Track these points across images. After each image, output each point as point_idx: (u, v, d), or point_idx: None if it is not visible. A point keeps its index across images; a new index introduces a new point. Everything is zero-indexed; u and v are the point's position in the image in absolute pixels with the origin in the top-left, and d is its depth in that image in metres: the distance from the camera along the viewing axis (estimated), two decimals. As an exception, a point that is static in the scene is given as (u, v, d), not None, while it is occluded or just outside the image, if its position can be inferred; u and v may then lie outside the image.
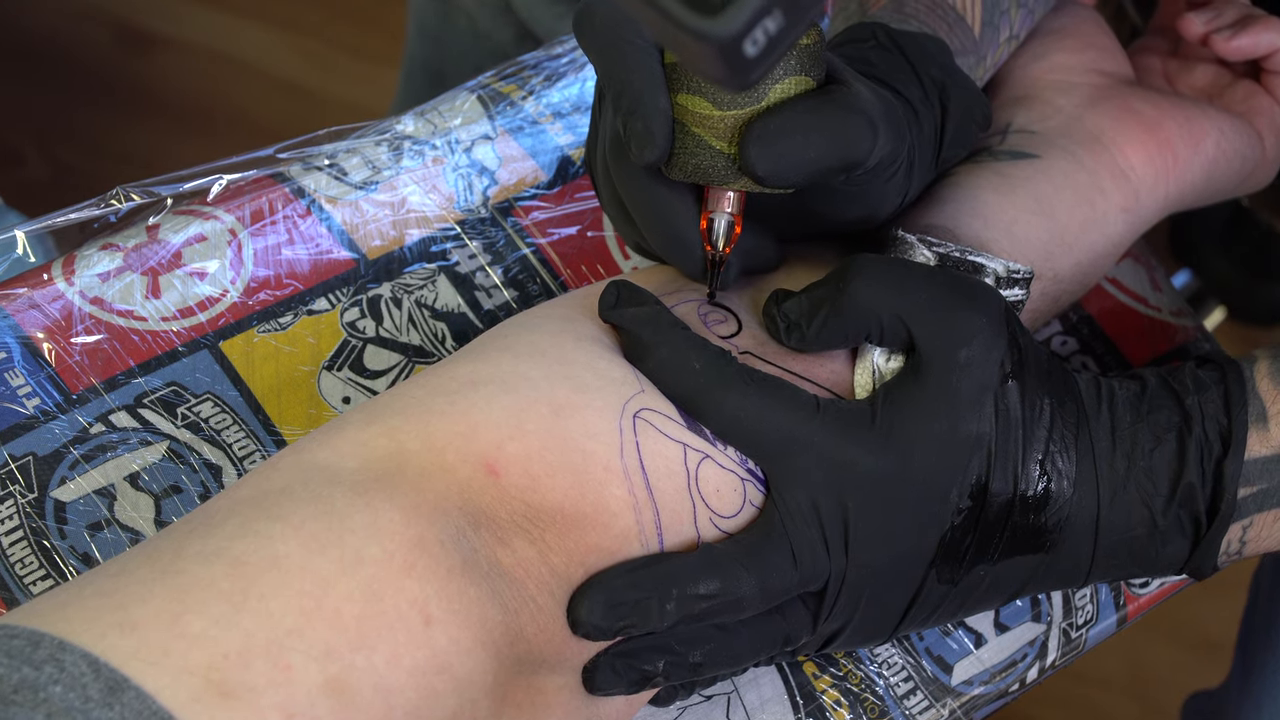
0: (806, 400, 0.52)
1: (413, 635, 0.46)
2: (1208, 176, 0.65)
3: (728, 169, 0.53)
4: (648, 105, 0.51)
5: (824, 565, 0.52)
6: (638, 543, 0.51)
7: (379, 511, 0.47)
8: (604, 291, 0.54)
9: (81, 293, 0.63)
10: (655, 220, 0.54)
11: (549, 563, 0.50)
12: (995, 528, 0.54)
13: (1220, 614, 1.32)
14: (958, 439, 0.53)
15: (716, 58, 0.41)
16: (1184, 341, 0.74)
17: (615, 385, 0.52)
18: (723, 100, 0.52)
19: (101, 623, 0.43)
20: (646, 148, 0.52)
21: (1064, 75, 0.67)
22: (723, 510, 0.52)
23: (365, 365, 0.64)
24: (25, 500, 0.59)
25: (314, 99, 1.63)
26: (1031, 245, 0.60)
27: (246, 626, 0.43)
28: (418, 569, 0.46)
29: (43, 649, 0.42)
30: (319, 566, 0.45)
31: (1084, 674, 1.40)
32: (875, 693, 0.61)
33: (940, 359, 0.53)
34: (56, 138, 1.61)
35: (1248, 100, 0.68)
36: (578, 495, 0.50)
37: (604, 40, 0.53)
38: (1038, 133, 0.64)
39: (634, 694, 0.53)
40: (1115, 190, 0.63)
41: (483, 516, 0.49)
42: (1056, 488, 0.54)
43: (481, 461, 0.49)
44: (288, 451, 0.50)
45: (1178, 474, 0.55)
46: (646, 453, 0.51)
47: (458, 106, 0.71)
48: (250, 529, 0.46)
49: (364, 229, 0.67)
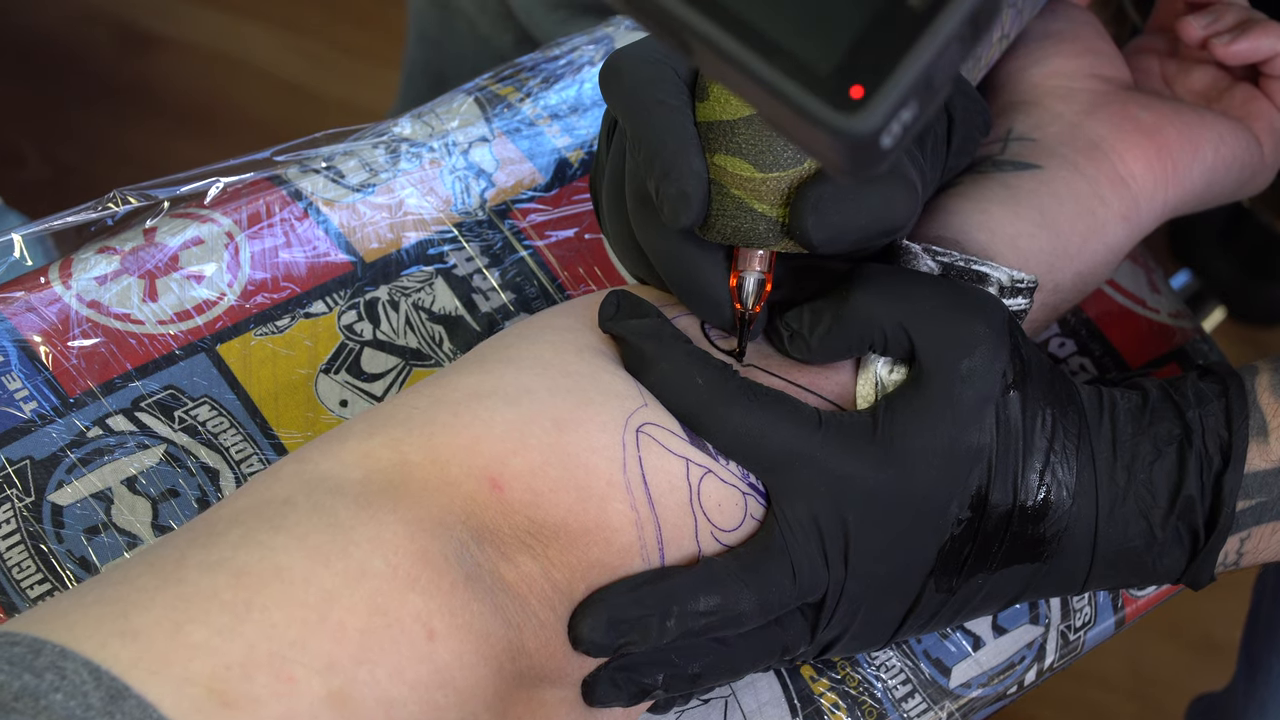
0: (809, 414, 0.52)
1: (416, 649, 0.45)
2: (1207, 182, 0.65)
3: (770, 231, 0.52)
4: (683, 169, 0.50)
5: (822, 578, 0.52)
6: (639, 557, 0.51)
7: (383, 524, 0.47)
8: (604, 302, 0.54)
9: (79, 296, 0.63)
10: (684, 278, 0.54)
11: (551, 578, 0.50)
12: (994, 538, 0.54)
13: (1220, 614, 1.32)
14: (958, 451, 0.53)
15: (848, 152, 0.39)
16: (1182, 343, 0.73)
17: (618, 399, 0.52)
18: (765, 162, 0.51)
19: (103, 630, 0.43)
20: (682, 213, 0.50)
21: (1063, 81, 0.66)
22: (724, 524, 0.52)
23: (363, 368, 0.64)
24: (22, 504, 0.59)
25: (314, 99, 1.63)
26: (1035, 258, 0.60)
27: (249, 637, 0.43)
28: (421, 583, 0.46)
29: (44, 656, 0.41)
30: (323, 579, 0.45)
31: (1084, 674, 1.40)
32: (873, 695, 0.61)
33: (942, 369, 0.53)
34: (56, 138, 1.61)
35: (1246, 104, 0.68)
36: (581, 511, 0.50)
37: (633, 99, 0.52)
38: (1038, 140, 0.64)
39: (633, 706, 0.53)
40: (1115, 199, 0.63)
41: (486, 531, 0.49)
42: (1056, 498, 0.54)
43: (485, 476, 0.49)
44: (289, 460, 0.50)
45: (1177, 487, 0.55)
46: (649, 468, 0.51)
47: (455, 109, 0.71)
48: (253, 539, 0.46)
49: (361, 232, 0.67)
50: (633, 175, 0.54)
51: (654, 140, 0.51)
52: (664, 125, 0.51)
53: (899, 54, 0.38)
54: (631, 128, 0.52)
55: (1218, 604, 1.18)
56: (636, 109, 0.52)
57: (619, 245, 0.57)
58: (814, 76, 0.38)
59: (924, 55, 0.38)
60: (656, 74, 0.52)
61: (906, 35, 0.38)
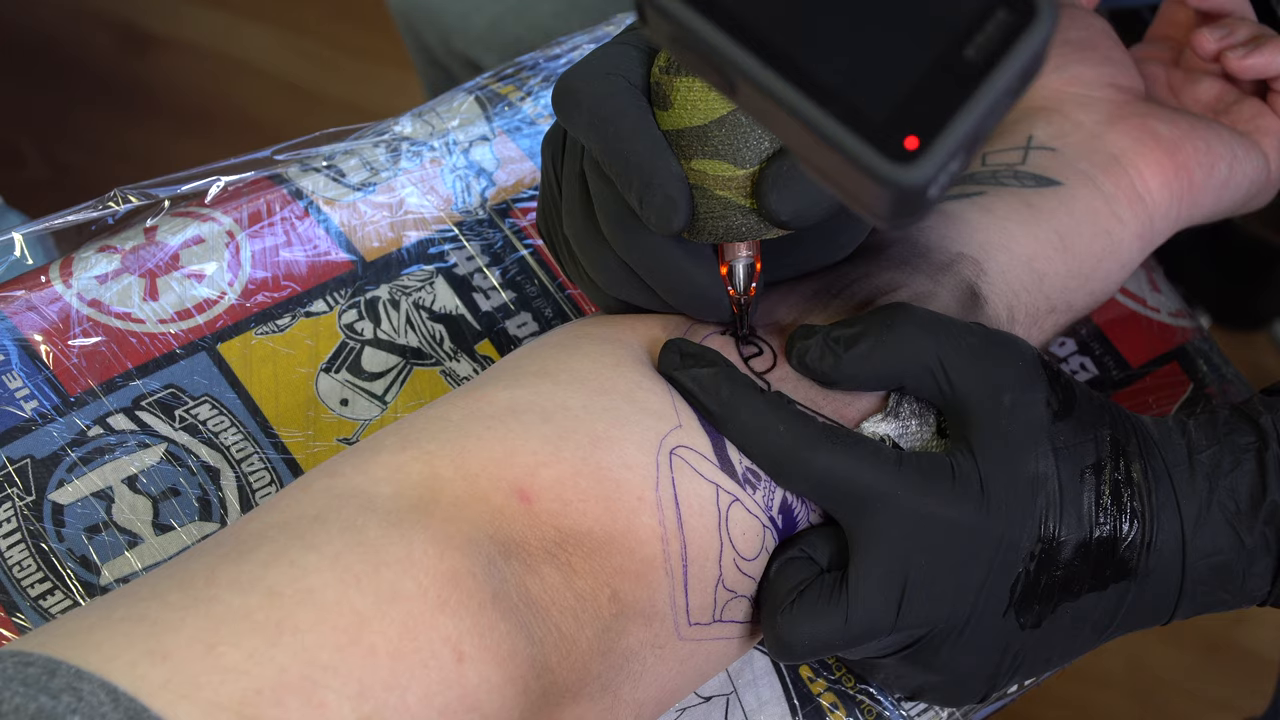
0: (888, 455, 0.52)
1: (445, 673, 0.45)
2: (1217, 199, 0.66)
3: (760, 223, 0.53)
4: (664, 175, 0.50)
5: (884, 624, 0.52)
6: (663, 571, 0.51)
7: (413, 544, 0.46)
8: (664, 355, 0.53)
9: (79, 295, 0.63)
10: (679, 282, 0.54)
11: (574, 587, 0.50)
12: (1070, 565, 0.54)
13: (1220, 614, 1.32)
14: (1019, 482, 0.53)
15: (893, 201, 0.38)
16: (1183, 342, 0.73)
17: (653, 418, 0.52)
18: (743, 158, 0.52)
19: (133, 650, 0.42)
20: (673, 216, 0.50)
21: (1083, 89, 0.66)
22: (746, 553, 0.53)
23: (363, 367, 0.64)
24: (23, 503, 0.59)
25: (314, 99, 1.63)
26: (1050, 280, 0.61)
27: (281, 661, 0.42)
28: (451, 604, 0.46)
29: (59, 677, 0.41)
30: (354, 601, 0.44)
31: (1084, 673, 1.40)
32: (872, 695, 0.61)
33: (985, 405, 0.53)
34: (56, 138, 1.61)
35: (1254, 119, 0.68)
36: (608, 520, 0.50)
37: (596, 115, 0.52)
38: (1058, 150, 0.64)
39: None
40: (1132, 218, 0.63)
41: (514, 545, 0.49)
42: (1131, 516, 0.54)
43: (515, 488, 0.49)
44: (320, 474, 0.50)
45: (1260, 492, 0.54)
46: (681, 489, 0.51)
47: (455, 108, 0.71)
48: (284, 558, 0.45)
49: (362, 231, 0.67)
50: (601, 197, 0.54)
51: (627, 151, 0.51)
52: (634, 135, 0.51)
53: (955, 106, 0.37)
54: (599, 143, 0.52)
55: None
56: (601, 123, 0.52)
57: (596, 272, 0.56)
58: (868, 124, 0.37)
59: (979, 108, 0.37)
60: (613, 87, 0.52)
61: (964, 87, 0.37)
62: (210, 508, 0.60)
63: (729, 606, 0.54)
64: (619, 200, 0.53)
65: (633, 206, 0.51)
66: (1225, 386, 0.73)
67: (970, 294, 0.59)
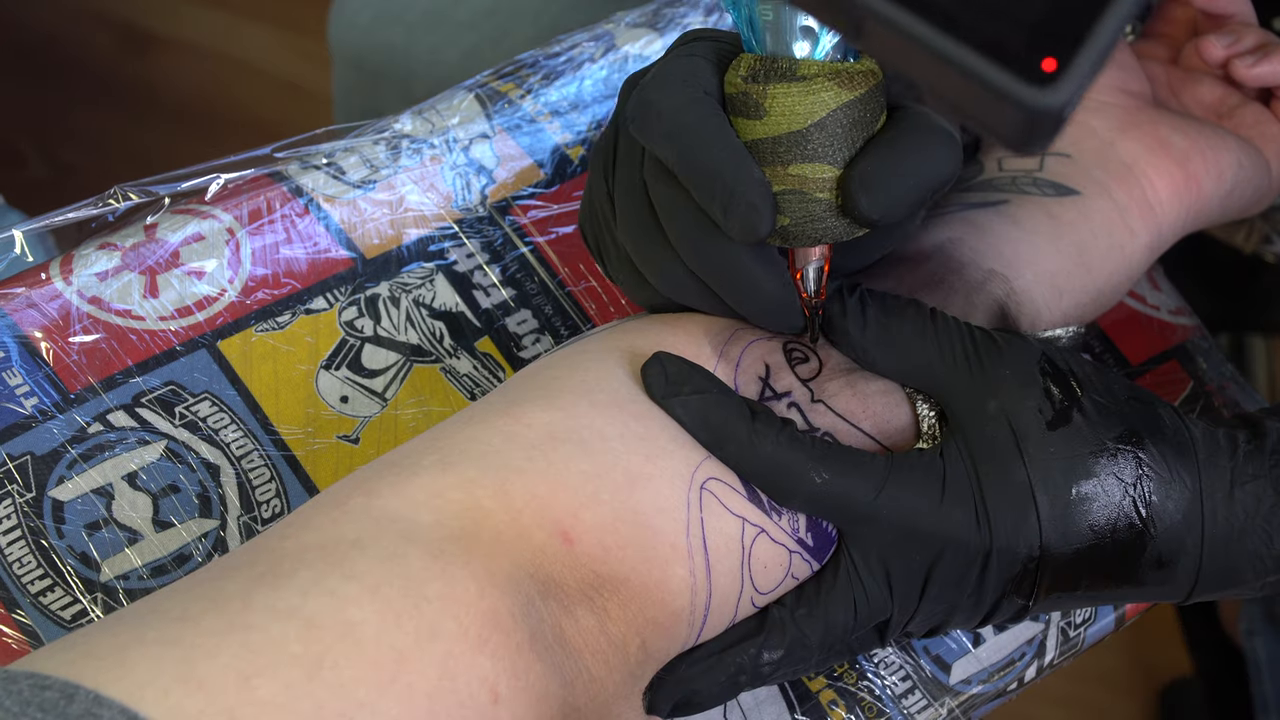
0: (878, 465, 0.53)
1: (481, 713, 0.45)
2: (1222, 208, 0.66)
3: (850, 225, 0.53)
4: (748, 182, 0.50)
5: (884, 608, 0.53)
6: (686, 624, 0.52)
7: (455, 580, 0.46)
8: (648, 374, 0.53)
9: (79, 292, 0.63)
10: (752, 291, 0.53)
11: (607, 632, 0.50)
12: (1070, 566, 0.54)
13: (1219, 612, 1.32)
14: (1010, 489, 0.53)
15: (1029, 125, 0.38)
16: (1182, 340, 0.74)
17: (686, 448, 0.52)
18: (841, 159, 0.52)
19: (167, 675, 0.41)
20: (758, 224, 0.50)
21: (1095, 93, 0.66)
22: (763, 587, 0.53)
23: (363, 364, 0.64)
24: (23, 500, 0.59)
25: (314, 99, 1.63)
26: (1069, 296, 0.61)
27: (319, 696, 0.42)
28: (490, 645, 0.45)
29: (78, 703, 0.39)
30: (394, 638, 0.44)
31: (1084, 671, 1.40)
32: (872, 692, 0.61)
33: (970, 412, 0.54)
34: (56, 138, 1.61)
35: (1257, 125, 0.68)
36: (645, 570, 0.50)
37: (676, 123, 0.52)
38: (1073, 158, 0.64)
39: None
40: (1144, 230, 0.63)
41: (552, 584, 0.49)
42: (1144, 524, 0.54)
43: (557, 529, 0.49)
44: (356, 491, 0.49)
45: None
46: (710, 530, 0.51)
47: (455, 105, 0.71)
48: (323, 586, 0.44)
49: (362, 228, 0.67)
50: (670, 207, 0.53)
51: (708, 160, 0.51)
52: (715, 143, 0.51)
53: (1088, 24, 0.37)
54: (679, 152, 0.52)
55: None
56: (681, 133, 0.51)
57: (658, 279, 0.55)
58: (1005, 51, 0.37)
59: (1111, 23, 0.37)
60: (691, 96, 0.52)
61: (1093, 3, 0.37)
62: (210, 504, 0.60)
63: None
64: (691, 209, 0.52)
65: (714, 215, 0.51)
66: (1224, 384, 0.73)
67: (1000, 314, 0.59)
